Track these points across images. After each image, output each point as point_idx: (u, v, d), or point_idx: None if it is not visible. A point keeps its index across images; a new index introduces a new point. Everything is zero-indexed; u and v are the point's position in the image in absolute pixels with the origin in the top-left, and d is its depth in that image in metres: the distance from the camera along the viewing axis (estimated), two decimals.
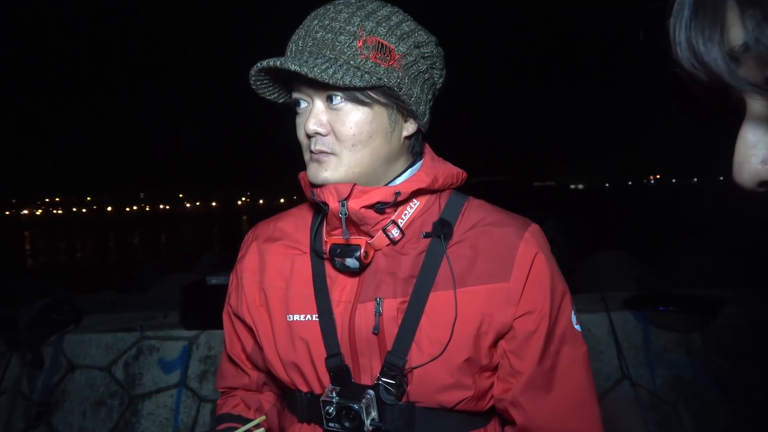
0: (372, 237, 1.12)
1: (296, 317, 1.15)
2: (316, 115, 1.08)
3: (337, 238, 1.12)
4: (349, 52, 1.05)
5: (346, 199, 1.07)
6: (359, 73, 1.05)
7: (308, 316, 1.14)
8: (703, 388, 2.67)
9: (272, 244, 1.24)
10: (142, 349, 3.00)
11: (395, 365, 1.06)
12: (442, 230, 1.10)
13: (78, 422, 2.91)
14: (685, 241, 5.03)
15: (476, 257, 1.09)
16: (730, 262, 3.69)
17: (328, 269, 1.16)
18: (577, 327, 1.13)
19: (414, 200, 1.14)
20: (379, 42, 1.07)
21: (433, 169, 1.15)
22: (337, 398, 1.06)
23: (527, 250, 1.09)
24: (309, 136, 1.09)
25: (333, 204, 1.08)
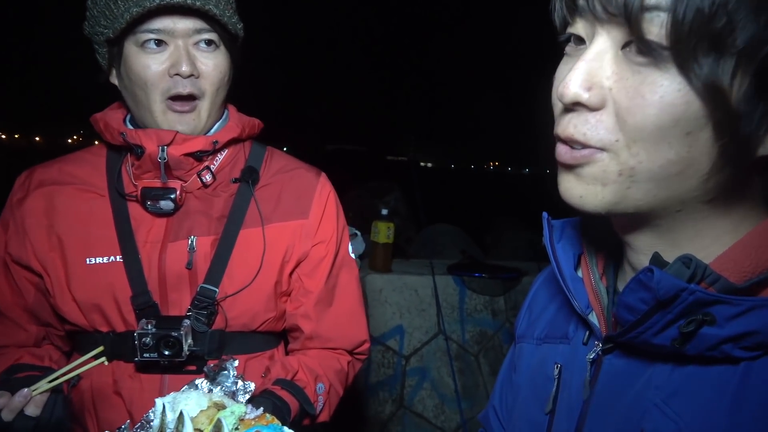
0: (185, 181, 1.17)
1: (97, 260, 1.14)
2: (188, 57, 1.09)
3: (149, 181, 1.14)
4: (224, 2, 1.11)
5: (168, 144, 1.11)
6: (235, 19, 1.13)
7: (111, 257, 1.14)
8: (500, 342, 3.18)
9: (62, 188, 1.19)
10: None
11: (207, 296, 1.14)
12: (250, 176, 1.21)
13: None
14: (506, 221, 5.72)
15: (280, 197, 1.23)
16: (535, 241, 4.35)
17: (132, 211, 1.17)
18: (352, 255, 1.33)
19: (224, 148, 1.22)
20: None
21: (240, 120, 1.24)
22: (154, 330, 1.09)
23: (323, 192, 1.26)
24: (170, 76, 1.09)
25: (151, 148, 1.10)
